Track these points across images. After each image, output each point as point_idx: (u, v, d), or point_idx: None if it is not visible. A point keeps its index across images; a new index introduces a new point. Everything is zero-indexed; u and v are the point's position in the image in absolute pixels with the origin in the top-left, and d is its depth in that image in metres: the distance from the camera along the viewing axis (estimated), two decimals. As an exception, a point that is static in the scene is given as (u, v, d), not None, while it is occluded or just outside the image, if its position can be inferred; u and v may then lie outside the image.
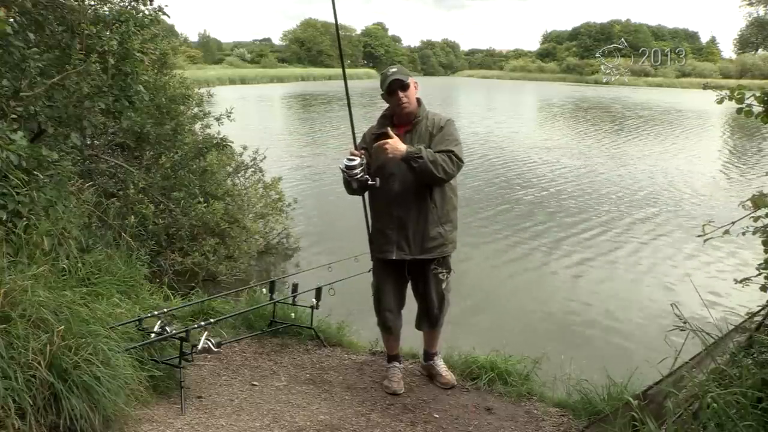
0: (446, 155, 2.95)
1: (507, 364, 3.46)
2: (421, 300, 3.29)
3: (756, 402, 1.82)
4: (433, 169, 2.91)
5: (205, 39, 71.78)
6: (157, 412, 2.90)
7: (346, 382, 3.39)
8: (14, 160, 2.93)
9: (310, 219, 9.48)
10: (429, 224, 3.07)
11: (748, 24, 66.30)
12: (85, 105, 3.82)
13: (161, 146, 6.12)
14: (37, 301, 2.55)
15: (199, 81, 18.81)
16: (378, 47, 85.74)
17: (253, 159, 7.90)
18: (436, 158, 2.93)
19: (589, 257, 8.02)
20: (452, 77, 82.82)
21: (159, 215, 5.77)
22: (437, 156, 2.93)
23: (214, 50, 70.51)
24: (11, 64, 3.37)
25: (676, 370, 2.24)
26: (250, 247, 7.02)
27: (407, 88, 3.06)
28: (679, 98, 38.14)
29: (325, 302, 3.89)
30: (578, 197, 11.48)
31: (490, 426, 2.98)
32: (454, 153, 2.97)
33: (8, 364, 2.27)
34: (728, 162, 16.23)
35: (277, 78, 57.50)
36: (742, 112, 2.22)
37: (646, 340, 5.45)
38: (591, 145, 18.39)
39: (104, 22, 3.98)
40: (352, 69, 66.99)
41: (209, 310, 3.96)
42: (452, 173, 2.99)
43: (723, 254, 7.86)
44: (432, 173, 2.93)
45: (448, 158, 2.95)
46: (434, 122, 3.09)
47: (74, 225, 3.47)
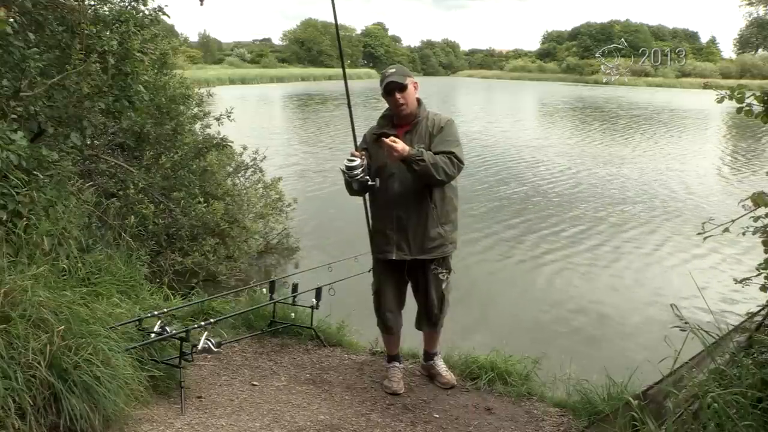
0: (447, 157, 2.96)
1: (507, 364, 3.46)
2: (421, 300, 3.29)
3: (756, 402, 1.82)
4: (433, 172, 2.92)
5: (205, 39, 71.72)
6: (157, 412, 2.89)
7: (346, 382, 3.39)
8: (14, 160, 2.92)
9: (310, 219, 9.48)
10: (429, 224, 3.07)
11: (748, 24, 66.39)
12: (85, 105, 3.82)
13: (161, 146, 6.12)
14: (37, 301, 2.54)
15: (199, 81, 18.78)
16: (378, 47, 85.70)
17: (253, 159, 7.91)
18: (437, 161, 2.93)
19: (588, 257, 8.02)
20: (452, 77, 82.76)
21: (159, 215, 5.77)
22: (438, 158, 2.93)
23: (214, 50, 70.49)
24: (11, 64, 3.36)
25: (676, 370, 2.24)
26: (250, 247, 7.02)
27: (405, 90, 3.06)
28: (679, 98, 38.16)
29: (325, 302, 3.89)
30: (577, 197, 11.48)
31: (490, 426, 2.98)
32: (454, 155, 2.97)
33: (8, 364, 2.27)
34: (728, 162, 16.24)
35: (277, 78, 57.47)
36: (743, 111, 2.22)
37: (645, 341, 5.45)
38: (589, 145, 18.40)
39: (104, 22, 3.97)
40: (352, 69, 66.93)
41: (209, 310, 3.96)
42: (452, 175, 2.99)
43: (723, 254, 7.86)
44: (432, 175, 2.93)
45: (448, 160, 2.95)
46: (434, 122, 3.09)
47: (74, 225, 3.47)
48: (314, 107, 31.22)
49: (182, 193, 6.05)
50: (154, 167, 6.02)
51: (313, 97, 37.03)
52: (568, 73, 65.48)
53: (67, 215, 3.39)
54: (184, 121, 6.55)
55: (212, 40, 74.12)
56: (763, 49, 66.78)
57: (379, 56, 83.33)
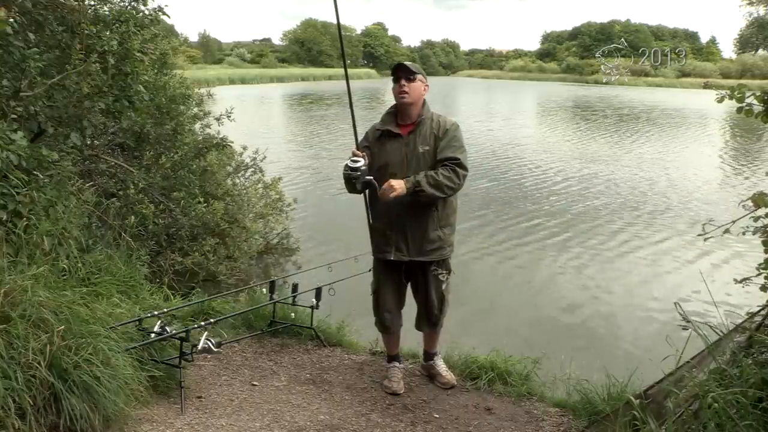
0: (450, 169, 2.94)
1: (507, 364, 3.46)
2: (420, 301, 3.28)
3: (756, 402, 1.82)
4: (438, 194, 2.93)
5: (205, 39, 71.69)
6: (157, 412, 2.89)
7: (346, 382, 3.39)
8: (14, 160, 2.92)
9: (310, 219, 9.48)
10: (429, 227, 3.06)
11: (748, 24, 66.30)
12: (85, 105, 3.81)
13: (161, 146, 6.12)
14: (37, 301, 2.54)
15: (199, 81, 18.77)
16: (378, 47, 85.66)
17: (253, 159, 7.91)
18: (439, 182, 2.91)
19: (588, 257, 8.02)
20: (452, 77, 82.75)
21: (159, 215, 5.77)
22: (439, 178, 2.91)
23: (214, 50, 70.46)
24: (11, 64, 3.36)
25: (677, 370, 2.24)
26: (250, 247, 7.01)
27: (412, 80, 3.05)
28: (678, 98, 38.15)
29: (325, 302, 3.89)
30: (577, 198, 11.48)
31: (490, 426, 2.98)
32: (459, 162, 2.96)
33: (8, 364, 2.26)
34: (729, 162, 16.23)
35: (277, 78, 57.45)
36: (743, 111, 2.22)
37: (645, 341, 5.46)
38: (586, 146, 18.39)
39: (104, 22, 3.97)
40: (352, 69, 66.04)
41: (209, 310, 3.95)
42: (458, 187, 2.97)
43: (723, 254, 7.85)
44: (438, 197, 2.95)
45: (452, 172, 2.93)
46: (439, 124, 3.07)
47: (74, 225, 3.46)
48: (314, 107, 31.21)
49: (182, 193, 6.05)
50: (154, 167, 6.02)
51: (307, 97, 37.02)
52: (568, 73, 65.46)
53: (67, 215, 3.39)
54: (184, 121, 6.55)
55: (212, 40, 74.12)
56: (764, 49, 66.74)
57: (379, 56, 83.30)
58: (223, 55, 71.01)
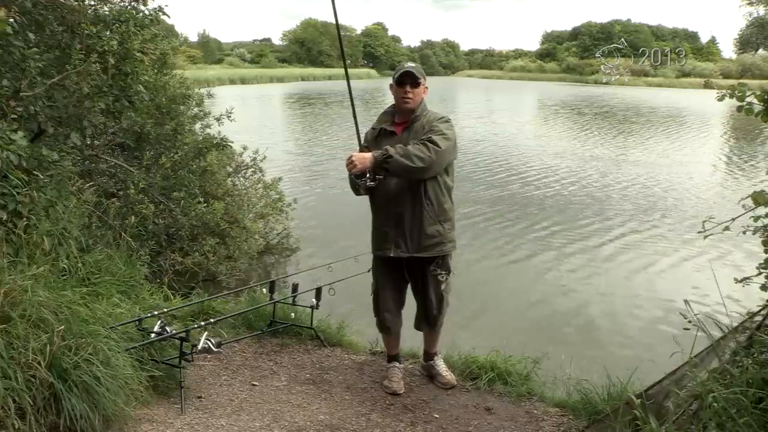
0: (421, 143, 2.92)
1: (507, 364, 3.46)
2: (420, 301, 3.28)
3: (756, 401, 1.82)
4: (407, 162, 2.87)
5: (205, 39, 71.71)
6: (157, 412, 2.89)
7: (346, 382, 3.39)
8: (14, 160, 2.92)
9: (311, 219, 9.48)
10: (425, 222, 3.06)
11: (748, 24, 66.28)
12: (85, 105, 3.82)
13: (161, 146, 6.12)
14: (37, 301, 2.54)
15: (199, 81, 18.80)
16: (378, 47, 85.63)
17: (253, 159, 7.91)
18: (408, 151, 2.88)
19: (588, 257, 8.01)
20: (452, 77, 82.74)
21: (159, 215, 5.77)
22: (408, 148, 2.89)
23: (214, 50, 70.43)
24: (11, 64, 3.37)
25: (677, 370, 2.24)
26: (250, 247, 7.01)
27: (417, 86, 3.07)
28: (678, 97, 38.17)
29: (325, 302, 3.89)
30: (577, 198, 11.49)
31: (490, 426, 2.98)
32: (431, 138, 2.92)
33: (8, 364, 2.27)
34: (730, 162, 16.23)
35: (277, 78, 57.47)
36: (743, 110, 2.22)
37: (645, 341, 5.46)
38: (585, 146, 18.40)
39: (104, 22, 3.98)
40: (352, 69, 65.83)
41: (209, 310, 3.96)
42: (429, 159, 2.88)
43: (723, 254, 7.85)
44: (408, 166, 2.88)
45: (422, 145, 2.90)
46: (430, 119, 3.09)
47: (74, 225, 3.47)
48: (316, 107, 31.22)
49: (182, 193, 6.05)
50: (154, 167, 6.02)
51: (309, 97, 37.03)
52: (568, 73, 65.47)
53: (67, 215, 3.39)
54: (184, 121, 6.55)
55: (212, 40, 74.12)
56: (764, 49, 66.76)
57: (379, 56, 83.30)
58: (223, 55, 70.99)
